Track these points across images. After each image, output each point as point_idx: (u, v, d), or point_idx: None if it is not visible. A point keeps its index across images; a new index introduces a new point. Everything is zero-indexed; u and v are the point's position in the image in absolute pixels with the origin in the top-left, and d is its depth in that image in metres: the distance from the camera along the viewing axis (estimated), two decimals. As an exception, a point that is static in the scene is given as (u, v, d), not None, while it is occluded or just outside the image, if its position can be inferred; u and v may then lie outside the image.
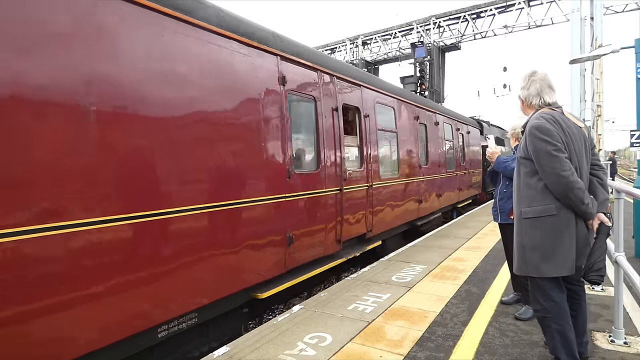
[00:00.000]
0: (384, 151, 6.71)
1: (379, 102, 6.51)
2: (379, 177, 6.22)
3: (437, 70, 19.44)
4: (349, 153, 5.62)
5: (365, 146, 5.86)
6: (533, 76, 2.58)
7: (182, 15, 3.06)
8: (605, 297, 3.87)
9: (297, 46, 4.58)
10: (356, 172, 5.62)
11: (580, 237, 2.36)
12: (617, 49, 7.82)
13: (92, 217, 2.41)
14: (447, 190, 9.84)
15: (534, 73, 2.60)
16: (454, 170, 10.53)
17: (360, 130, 5.85)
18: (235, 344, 3.03)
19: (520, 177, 2.52)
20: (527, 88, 2.59)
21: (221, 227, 3.35)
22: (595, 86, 14.89)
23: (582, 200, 2.27)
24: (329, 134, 4.96)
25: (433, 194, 8.81)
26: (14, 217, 2.08)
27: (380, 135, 6.38)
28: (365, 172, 5.82)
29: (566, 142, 2.33)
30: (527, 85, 2.59)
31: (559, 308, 2.39)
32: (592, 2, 14.84)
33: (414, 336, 3.11)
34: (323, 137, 4.84)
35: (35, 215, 2.17)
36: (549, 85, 2.54)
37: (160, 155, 2.84)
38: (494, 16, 19.42)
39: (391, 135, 6.96)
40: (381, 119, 6.50)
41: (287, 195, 4.13)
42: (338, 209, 5.07)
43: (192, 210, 3.04)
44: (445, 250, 6.08)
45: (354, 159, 5.80)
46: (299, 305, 3.82)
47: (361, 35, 23.33)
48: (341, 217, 5.13)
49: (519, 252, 2.51)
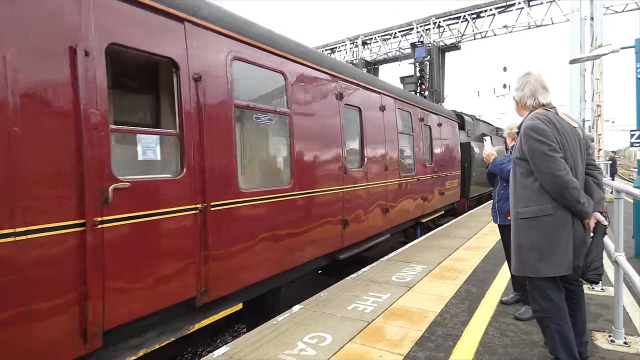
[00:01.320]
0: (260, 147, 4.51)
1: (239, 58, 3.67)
2: (237, 189, 3.50)
3: (437, 70, 19.44)
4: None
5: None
6: (527, 77, 2.60)
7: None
8: (605, 297, 3.87)
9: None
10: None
11: (577, 237, 2.37)
12: (617, 48, 7.83)
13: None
14: (400, 201, 6.98)
15: (528, 74, 2.62)
16: (415, 175, 7.71)
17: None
18: (235, 344, 3.03)
19: (516, 178, 2.53)
20: (522, 89, 2.60)
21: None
22: (595, 86, 14.90)
23: (577, 199, 2.28)
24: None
25: (374, 209, 6.02)
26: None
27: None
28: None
29: (561, 142, 2.35)
30: (522, 86, 2.61)
31: (557, 308, 2.39)
32: (592, 2, 14.86)
33: (413, 336, 3.11)
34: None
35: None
36: (543, 86, 2.56)
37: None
38: (494, 16, 19.44)
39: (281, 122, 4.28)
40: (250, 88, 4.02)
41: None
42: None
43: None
44: (445, 250, 6.08)
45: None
46: (299, 305, 3.82)
47: (361, 35, 23.35)
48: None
49: (516, 252, 2.51)
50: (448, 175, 9.92)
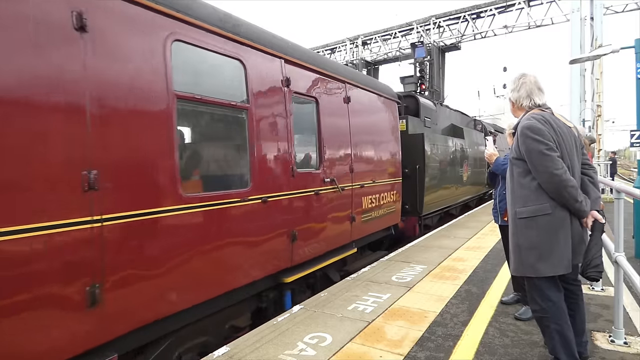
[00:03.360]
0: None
1: None
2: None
3: (437, 70, 19.44)
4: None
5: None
6: (523, 78, 2.62)
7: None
8: (605, 297, 3.87)
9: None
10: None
11: (575, 235, 2.38)
12: (617, 49, 7.83)
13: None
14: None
15: (524, 75, 2.64)
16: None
17: None
18: (235, 344, 3.03)
19: (513, 178, 2.54)
20: (518, 90, 2.62)
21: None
22: (595, 86, 14.91)
23: (575, 198, 2.29)
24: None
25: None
26: None
27: None
28: None
29: (557, 141, 2.37)
30: (518, 87, 2.62)
31: (556, 308, 2.40)
32: (592, 2, 14.87)
33: (414, 336, 3.11)
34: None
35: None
36: (538, 87, 2.58)
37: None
38: (494, 16, 19.45)
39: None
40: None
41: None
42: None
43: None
44: (445, 250, 6.08)
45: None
46: (299, 306, 3.82)
47: (361, 35, 23.36)
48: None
49: (515, 252, 2.51)
50: (385, 183, 6.41)
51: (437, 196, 8.48)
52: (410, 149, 7.47)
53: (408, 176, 7.50)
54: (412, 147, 7.56)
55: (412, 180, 7.60)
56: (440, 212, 9.19)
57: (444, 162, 8.91)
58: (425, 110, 8.79)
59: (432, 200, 8.20)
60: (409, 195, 7.55)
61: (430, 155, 7.93)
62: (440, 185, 8.64)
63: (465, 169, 10.61)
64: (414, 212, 7.70)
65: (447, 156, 9.15)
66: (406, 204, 7.54)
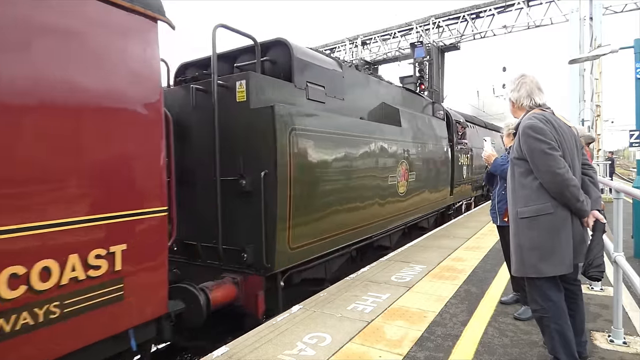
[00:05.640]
0: None
1: None
2: None
3: (437, 70, 19.41)
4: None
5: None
6: (523, 78, 2.62)
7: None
8: (604, 297, 3.87)
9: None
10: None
11: (576, 235, 2.38)
12: (616, 49, 7.82)
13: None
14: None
15: (523, 75, 2.64)
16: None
17: None
18: (234, 344, 3.03)
19: (514, 178, 2.54)
20: (518, 90, 2.62)
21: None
22: (594, 86, 14.93)
23: (577, 197, 2.29)
24: None
25: None
26: None
27: None
28: None
29: (559, 140, 2.37)
30: (517, 87, 2.62)
31: (557, 307, 2.40)
32: (592, 2, 14.89)
33: (413, 336, 3.11)
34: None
35: None
36: (538, 87, 2.58)
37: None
38: (493, 16, 19.43)
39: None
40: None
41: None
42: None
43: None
44: (444, 250, 6.08)
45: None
46: (298, 306, 3.82)
47: (361, 35, 23.34)
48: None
49: (516, 253, 2.51)
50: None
51: (328, 225, 4.59)
52: (250, 140, 3.90)
53: (247, 193, 3.84)
54: (255, 136, 3.88)
55: (255, 201, 3.79)
56: (341, 251, 5.06)
57: (351, 163, 5.04)
58: (308, 71, 4.74)
59: (312, 233, 4.36)
60: (252, 230, 3.84)
61: (304, 150, 4.16)
62: (338, 204, 4.76)
63: (403, 174, 6.59)
64: (259, 265, 3.83)
65: (360, 154, 5.27)
66: (245, 248, 3.83)
